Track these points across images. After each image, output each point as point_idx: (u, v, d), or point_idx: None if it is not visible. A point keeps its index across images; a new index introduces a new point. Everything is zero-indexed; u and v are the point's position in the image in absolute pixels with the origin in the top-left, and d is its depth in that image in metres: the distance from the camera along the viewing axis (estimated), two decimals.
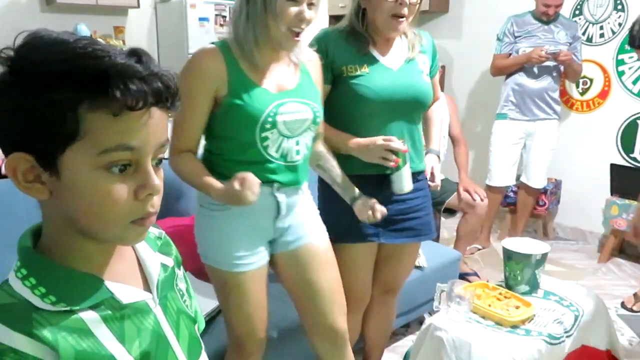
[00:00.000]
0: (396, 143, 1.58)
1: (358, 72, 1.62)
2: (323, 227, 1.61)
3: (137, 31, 4.21)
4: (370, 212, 1.58)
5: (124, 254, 0.73)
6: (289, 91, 1.43)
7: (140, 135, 0.61)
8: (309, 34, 1.49)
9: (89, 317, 0.64)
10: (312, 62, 1.54)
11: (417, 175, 1.75)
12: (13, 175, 0.61)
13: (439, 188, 1.83)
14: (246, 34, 1.37)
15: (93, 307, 0.65)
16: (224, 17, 4.23)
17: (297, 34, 1.38)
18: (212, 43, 1.43)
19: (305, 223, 1.55)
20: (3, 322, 0.59)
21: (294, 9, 1.34)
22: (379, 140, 1.59)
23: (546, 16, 3.29)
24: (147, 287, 0.74)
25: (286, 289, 1.61)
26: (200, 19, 4.11)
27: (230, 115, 1.39)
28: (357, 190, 1.63)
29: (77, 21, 3.74)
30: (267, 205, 1.46)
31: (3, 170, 2.87)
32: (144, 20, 4.26)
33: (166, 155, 0.68)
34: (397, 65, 1.66)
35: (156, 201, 0.66)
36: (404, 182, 1.62)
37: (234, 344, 1.57)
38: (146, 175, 0.63)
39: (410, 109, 1.68)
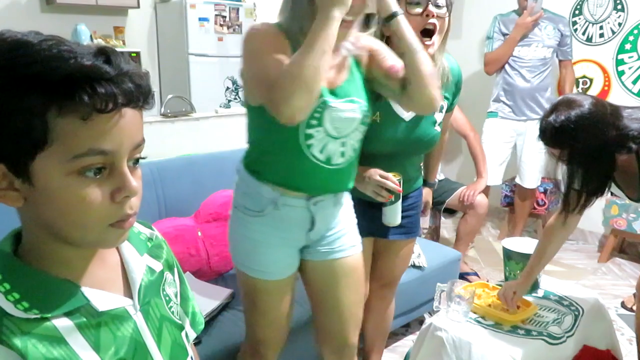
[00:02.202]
0: (391, 184, 1.55)
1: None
2: (359, 240, 1.55)
3: (137, 31, 4.21)
4: None
5: (106, 259, 0.71)
6: (338, 88, 1.33)
7: (113, 138, 0.59)
8: None
9: (63, 324, 0.63)
10: (364, 45, 1.40)
11: (413, 191, 1.80)
12: None
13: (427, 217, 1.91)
14: (292, 24, 1.28)
15: (68, 314, 0.63)
16: (224, 17, 4.24)
17: (348, 23, 1.26)
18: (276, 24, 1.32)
19: (342, 236, 1.49)
20: None
21: None
22: (375, 175, 1.56)
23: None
24: (129, 293, 0.72)
25: (308, 294, 1.58)
26: (200, 19, 4.12)
27: None
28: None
29: (77, 21, 3.74)
30: (301, 219, 1.40)
31: None
32: (144, 20, 4.26)
33: (143, 154, 0.66)
34: (410, 113, 1.60)
35: (134, 202, 0.65)
36: (394, 217, 1.63)
37: (251, 347, 1.55)
38: (122, 178, 0.62)
39: (413, 153, 1.69)
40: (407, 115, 1.61)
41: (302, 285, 1.57)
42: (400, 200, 1.62)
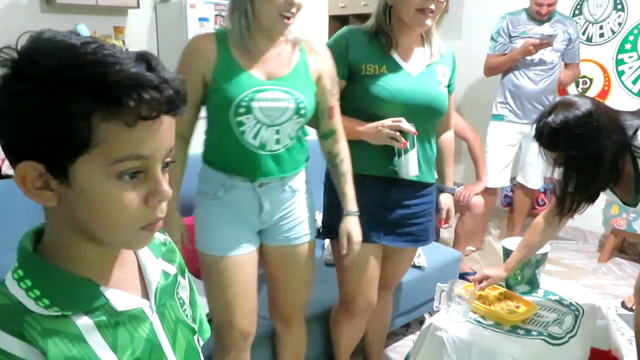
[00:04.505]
0: (405, 124, 1.58)
1: (376, 73, 1.61)
2: (313, 229, 1.66)
3: (137, 31, 4.20)
4: (344, 241, 1.60)
5: (124, 260, 0.72)
6: (277, 79, 1.44)
7: (151, 143, 0.61)
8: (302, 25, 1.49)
9: (83, 322, 0.63)
10: (317, 53, 1.53)
11: (425, 187, 1.76)
12: (22, 183, 0.60)
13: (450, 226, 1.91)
14: (236, 23, 1.41)
15: (87, 313, 0.64)
16: (224, 17, 4.23)
17: (288, 18, 1.39)
18: (215, 30, 1.49)
19: (297, 225, 1.59)
20: None
21: None
22: (388, 121, 1.59)
23: (539, 16, 3.23)
24: (145, 295, 0.73)
25: (265, 274, 1.69)
26: (200, 19, 4.11)
27: (210, 99, 1.44)
28: (349, 208, 1.62)
29: (77, 21, 3.74)
30: (249, 201, 1.50)
31: (3, 171, 2.83)
32: (144, 21, 4.26)
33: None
34: (416, 71, 1.66)
35: (164, 206, 0.66)
36: (409, 167, 1.62)
37: (216, 334, 1.58)
38: (156, 182, 0.63)
39: (425, 116, 1.67)
40: (414, 70, 1.65)
41: None
42: (416, 150, 1.62)
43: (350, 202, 1.61)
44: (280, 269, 1.64)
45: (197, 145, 1.58)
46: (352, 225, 1.59)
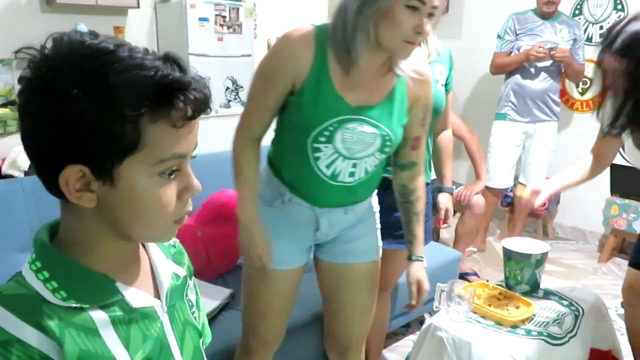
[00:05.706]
0: None
1: None
2: (377, 249, 1.53)
3: (137, 31, 4.20)
4: (414, 289, 1.50)
5: (139, 259, 0.73)
6: (367, 107, 1.27)
7: (188, 141, 0.64)
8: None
9: (99, 317, 0.64)
10: (419, 81, 1.33)
11: None
12: (66, 187, 0.61)
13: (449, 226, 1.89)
14: (353, 39, 1.20)
15: (103, 308, 0.65)
16: (224, 17, 4.23)
17: (412, 43, 1.22)
18: (313, 24, 1.28)
19: (355, 241, 1.48)
20: (13, 312, 0.59)
21: (413, 19, 1.16)
22: None
23: (547, 7, 3.25)
24: (157, 294, 0.74)
25: (320, 292, 1.60)
26: (200, 19, 4.11)
27: (289, 110, 1.29)
28: (417, 253, 1.52)
29: (77, 21, 3.73)
30: (306, 219, 1.41)
31: (3, 171, 2.84)
32: (144, 21, 4.26)
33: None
34: None
35: (190, 200, 0.69)
36: None
37: (244, 346, 1.55)
38: (188, 178, 0.67)
39: None
40: None
41: (303, 287, 1.56)
42: None
43: (420, 246, 1.52)
44: (336, 290, 1.52)
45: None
46: (421, 273, 1.51)
